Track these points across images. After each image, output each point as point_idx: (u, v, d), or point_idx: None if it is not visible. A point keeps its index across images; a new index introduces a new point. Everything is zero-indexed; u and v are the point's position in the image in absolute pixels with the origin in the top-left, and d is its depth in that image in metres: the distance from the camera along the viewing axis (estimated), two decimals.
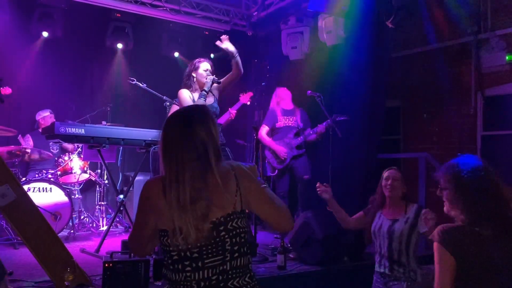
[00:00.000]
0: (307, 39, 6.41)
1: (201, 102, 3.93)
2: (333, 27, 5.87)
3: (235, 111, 5.16)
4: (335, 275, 3.86)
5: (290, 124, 5.25)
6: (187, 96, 4.02)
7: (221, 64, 4.38)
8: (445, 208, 2.09)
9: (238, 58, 4.08)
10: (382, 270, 3.10)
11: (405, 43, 6.25)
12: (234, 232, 1.64)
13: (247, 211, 1.71)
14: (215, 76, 4.06)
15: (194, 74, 4.11)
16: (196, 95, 4.04)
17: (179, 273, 1.62)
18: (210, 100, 4.11)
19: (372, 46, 5.56)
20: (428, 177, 5.81)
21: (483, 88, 5.60)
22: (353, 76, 5.82)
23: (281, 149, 5.13)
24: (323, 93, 5.00)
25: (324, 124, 4.97)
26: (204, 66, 4.10)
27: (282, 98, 5.35)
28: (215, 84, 4.11)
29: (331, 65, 6.16)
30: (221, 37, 4.12)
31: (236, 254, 1.64)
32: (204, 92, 3.96)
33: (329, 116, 4.90)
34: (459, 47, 5.83)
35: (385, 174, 3.20)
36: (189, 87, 4.10)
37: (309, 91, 5.04)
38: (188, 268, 1.61)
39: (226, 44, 4.09)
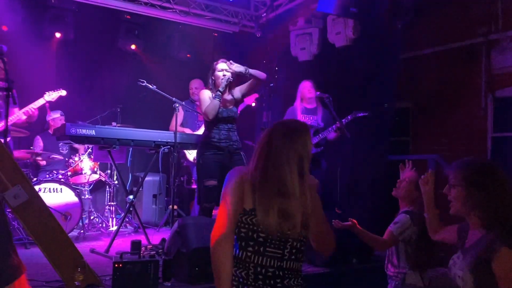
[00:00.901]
0: (316, 40, 6.39)
1: (216, 102, 4.01)
2: (342, 28, 5.86)
3: (238, 112, 5.15)
4: (344, 276, 3.85)
5: (309, 123, 5.06)
6: (206, 97, 4.11)
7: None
8: (452, 209, 2.05)
9: (251, 71, 4.11)
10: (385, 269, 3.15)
11: (414, 44, 6.21)
12: (298, 237, 1.85)
13: None
14: (230, 77, 4.11)
15: (213, 77, 4.19)
16: None
17: (242, 250, 1.83)
18: (231, 102, 4.19)
19: (381, 47, 5.54)
20: (437, 179, 5.77)
21: (493, 89, 5.55)
22: (362, 77, 5.81)
23: None
24: (332, 95, 4.98)
25: (343, 120, 4.83)
26: (220, 67, 4.16)
27: (304, 95, 5.19)
28: (238, 91, 4.21)
29: (340, 67, 6.15)
30: (227, 64, 4.13)
31: (293, 257, 1.84)
32: (218, 93, 4.04)
33: (337, 117, 4.83)
34: (470, 48, 5.78)
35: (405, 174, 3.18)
36: (211, 89, 4.18)
37: (318, 92, 5.03)
38: (250, 249, 1.81)
39: (234, 67, 4.10)
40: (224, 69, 4.14)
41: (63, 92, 4.96)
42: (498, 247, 1.80)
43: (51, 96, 4.82)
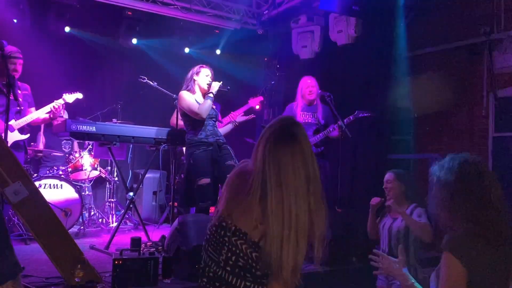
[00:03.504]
0: (318, 38, 6.39)
1: (210, 102, 4.15)
2: (344, 27, 5.85)
3: (237, 115, 5.11)
4: (343, 275, 3.85)
5: (309, 120, 5.00)
6: (191, 98, 4.20)
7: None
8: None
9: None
10: None
11: (416, 43, 6.19)
12: (233, 249, 1.56)
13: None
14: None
15: (195, 78, 4.29)
16: (197, 96, 4.22)
17: None
18: (213, 104, 4.31)
19: (383, 46, 5.53)
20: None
21: (495, 89, 5.53)
22: (364, 76, 5.80)
23: None
24: (333, 93, 4.93)
25: (345, 120, 4.72)
26: (206, 72, 4.31)
27: (304, 94, 5.03)
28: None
29: (341, 65, 6.14)
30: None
31: (228, 268, 1.56)
32: (211, 95, 4.19)
33: (339, 116, 4.79)
34: (472, 47, 5.76)
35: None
36: (189, 90, 4.27)
37: (319, 90, 5.00)
38: (203, 242, 1.68)
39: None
40: (209, 75, 4.31)
41: (80, 95, 4.89)
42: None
43: (69, 97, 4.79)
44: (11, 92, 3.47)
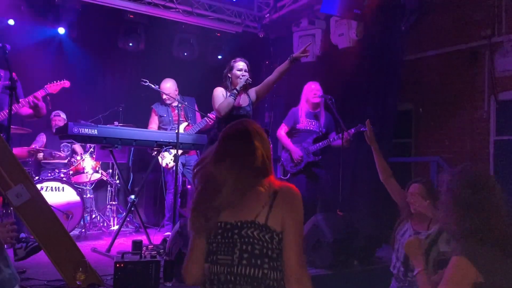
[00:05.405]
0: (319, 42, 6.39)
1: (230, 100, 3.97)
2: (345, 30, 5.86)
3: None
4: (345, 279, 3.84)
5: (311, 128, 4.97)
6: (219, 94, 4.07)
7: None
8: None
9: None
10: (395, 272, 3.11)
11: (417, 46, 6.21)
12: (246, 240, 1.68)
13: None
14: (249, 78, 4.11)
15: (229, 75, 4.16)
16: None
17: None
18: (245, 101, 4.15)
19: (384, 49, 5.54)
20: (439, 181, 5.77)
21: (496, 92, 5.54)
22: (364, 79, 5.80)
23: (296, 151, 4.87)
24: (334, 96, 4.93)
25: (350, 131, 4.70)
26: (238, 66, 4.16)
27: (309, 99, 5.00)
28: (253, 92, 4.19)
29: (342, 68, 6.15)
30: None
31: (244, 262, 1.67)
32: (235, 91, 4.01)
33: (340, 119, 4.75)
34: (473, 51, 5.78)
35: (409, 189, 3.11)
36: (226, 87, 4.14)
37: (321, 93, 5.00)
38: (209, 259, 1.75)
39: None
40: (242, 68, 4.13)
41: (66, 84, 4.68)
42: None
43: (53, 87, 4.58)
44: (14, 95, 3.49)
